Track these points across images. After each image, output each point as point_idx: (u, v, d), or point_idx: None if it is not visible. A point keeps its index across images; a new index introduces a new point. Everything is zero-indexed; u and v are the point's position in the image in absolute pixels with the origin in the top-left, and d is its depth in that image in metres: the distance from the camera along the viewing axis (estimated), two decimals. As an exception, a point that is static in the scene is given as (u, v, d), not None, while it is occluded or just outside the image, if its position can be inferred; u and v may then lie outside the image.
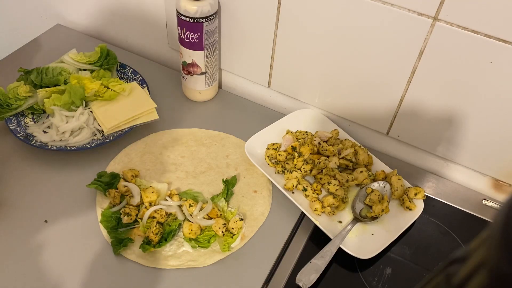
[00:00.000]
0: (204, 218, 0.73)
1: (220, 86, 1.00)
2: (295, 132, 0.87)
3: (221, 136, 0.89)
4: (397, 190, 0.79)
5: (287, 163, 0.82)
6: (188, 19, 0.82)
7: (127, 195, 0.76)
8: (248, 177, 0.82)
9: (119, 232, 0.72)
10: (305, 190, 0.78)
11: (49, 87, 0.89)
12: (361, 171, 0.80)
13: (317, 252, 0.70)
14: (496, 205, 0.82)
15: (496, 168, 0.81)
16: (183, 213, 0.74)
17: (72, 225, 0.74)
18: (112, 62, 0.95)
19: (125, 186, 0.76)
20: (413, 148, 0.87)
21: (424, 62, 0.74)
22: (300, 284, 0.67)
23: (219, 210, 0.75)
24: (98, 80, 0.90)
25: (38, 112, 0.87)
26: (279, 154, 0.82)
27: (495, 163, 0.80)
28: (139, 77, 0.95)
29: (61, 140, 0.83)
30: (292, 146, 0.83)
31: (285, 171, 0.80)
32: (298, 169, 0.80)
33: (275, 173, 0.81)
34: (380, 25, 0.74)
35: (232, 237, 0.72)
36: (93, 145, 0.82)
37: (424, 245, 0.76)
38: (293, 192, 0.78)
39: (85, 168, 0.81)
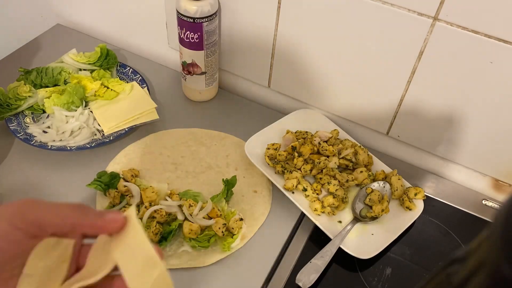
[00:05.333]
0: (204, 218, 0.73)
1: (220, 86, 1.00)
2: (295, 132, 0.87)
3: (221, 136, 0.89)
4: (397, 190, 0.79)
5: (287, 163, 0.82)
6: (188, 19, 0.82)
7: (127, 195, 0.76)
8: (248, 177, 0.82)
9: (119, 232, 0.72)
10: (305, 190, 0.78)
11: (49, 87, 0.89)
12: (361, 171, 0.80)
13: (317, 252, 0.70)
14: (496, 205, 0.82)
15: (496, 168, 0.81)
16: (183, 213, 0.74)
17: (72, 225, 0.74)
18: (112, 62, 0.95)
19: (125, 186, 0.76)
20: (413, 148, 0.87)
21: (424, 62, 0.74)
22: (300, 284, 0.67)
23: (219, 210, 0.75)
24: (98, 80, 0.90)
25: (38, 112, 0.87)
26: (279, 154, 0.82)
27: (495, 163, 0.80)
28: (139, 77, 0.95)
29: (61, 140, 0.83)
30: (292, 146, 0.83)
31: (285, 171, 0.80)
32: (298, 169, 0.80)
33: (275, 173, 0.81)
34: (380, 25, 0.74)
35: (232, 237, 0.72)
36: (93, 145, 0.82)
37: (424, 245, 0.76)
38: (293, 192, 0.78)
39: (85, 168, 0.81)
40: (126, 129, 0.85)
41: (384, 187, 0.79)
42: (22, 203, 0.35)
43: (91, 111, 0.87)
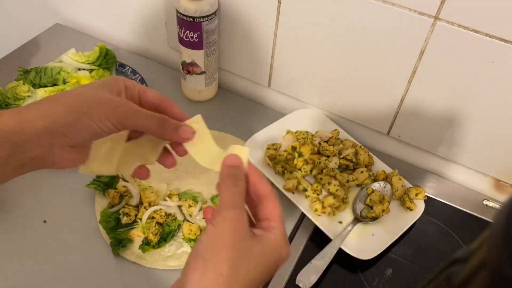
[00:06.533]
0: (203, 218, 0.73)
1: (220, 86, 1.00)
2: (295, 132, 0.87)
3: (221, 136, 0.89)
4: (397, 190, 0.78)
5: (287, 163, 0.81)
6: (188, 18, 0.82)
7: (126, 195, 0.75)
8: (248, 177, 0.82)
9: (118, 232, 0.72)
10: (305, 190, 0.77)
11: (48, 86, 0.89)
12: (362, 171, 0.80)
13: (318, 252, 0.70)
14: (497, 205, 0.82)
15: (497, 168, 0.81)
16: (183, 214, 0.74)
17: (71, 225, 0.74)
18: (111, 62, 0.95)
19: (124, 186, 0.76)
20: (414, 148, 0.87)
21: (425, 62, 0.74)
22: (300, 285, 0.67)
23: (218, 210, 0.74)
24: (97, 80, 0.90)
25: (37, 112, 0.87)
26: (279, 154, 0.82)
27: (496, 163, 0.80)
28: (138, 76, 0.95)
29: (60, 140, 0.82)
30: (292, 146, 0.82)
31: (285, 171, 0.80)
32: (298, 169, 0.80)
33: (275, 173, 0.81)
34: (381, 25, 0.73)
35: (231, 238, 0.72)
36: (92, 145, 0.82)
37: (424, 246, 0.75)
38: (293, 193, 0.78)
39: (84, 168, 0.81)
40: (126, 129, 0.85)
41: (384, 187, 0.78)
42: (123, 109, 0.45)
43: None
